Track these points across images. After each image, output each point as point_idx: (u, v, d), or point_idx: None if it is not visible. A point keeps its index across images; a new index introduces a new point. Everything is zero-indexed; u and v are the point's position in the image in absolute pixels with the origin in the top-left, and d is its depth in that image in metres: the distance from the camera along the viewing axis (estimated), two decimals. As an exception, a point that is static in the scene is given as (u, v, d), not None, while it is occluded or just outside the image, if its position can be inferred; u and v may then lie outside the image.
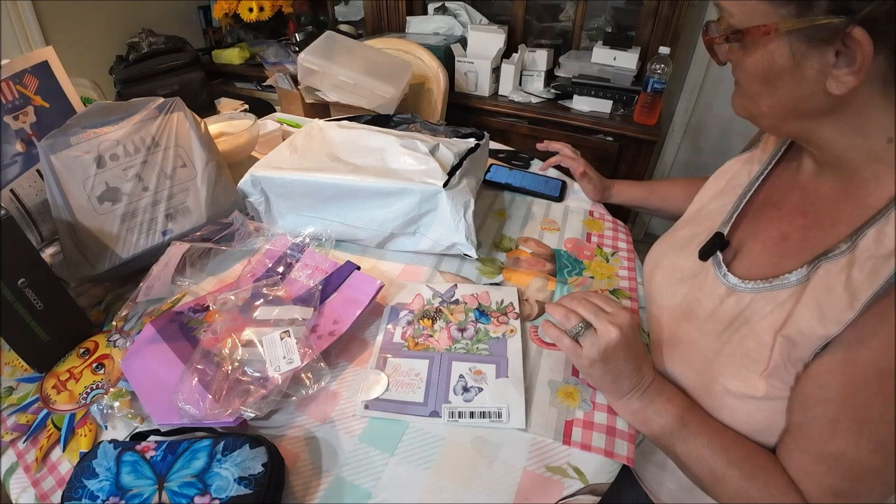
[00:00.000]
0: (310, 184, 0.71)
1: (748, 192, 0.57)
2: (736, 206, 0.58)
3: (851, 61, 0.38)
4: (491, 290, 0.67)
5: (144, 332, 0.58)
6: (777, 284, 0.47)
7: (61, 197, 0.64)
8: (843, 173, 0.46)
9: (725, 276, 0.53)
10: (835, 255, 0.43)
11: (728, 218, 0.57)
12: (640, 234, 2.06)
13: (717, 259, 0.55)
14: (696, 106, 1.75)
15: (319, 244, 0.71)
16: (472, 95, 1.62)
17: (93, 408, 0.53)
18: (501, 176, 0.94)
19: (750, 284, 0.50)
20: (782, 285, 0.46)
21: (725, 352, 0.49)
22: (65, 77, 0.75)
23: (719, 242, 0.55)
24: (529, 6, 1.66)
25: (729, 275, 0.52)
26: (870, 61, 0.37)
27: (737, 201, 0.58)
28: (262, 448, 0.45)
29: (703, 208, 0.65)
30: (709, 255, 0.55)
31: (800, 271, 0.45)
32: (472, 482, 0.47)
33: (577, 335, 0.50)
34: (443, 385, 0.55)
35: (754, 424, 0.48)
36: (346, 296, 0.62)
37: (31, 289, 0.54)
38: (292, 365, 0.52)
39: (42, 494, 0.48)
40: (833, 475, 0.42)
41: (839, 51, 0.38)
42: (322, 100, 1.22)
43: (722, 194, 0.62)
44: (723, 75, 1.66)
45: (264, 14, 1.94)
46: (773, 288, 0.47)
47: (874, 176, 0.43)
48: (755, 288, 0.49)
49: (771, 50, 0.42)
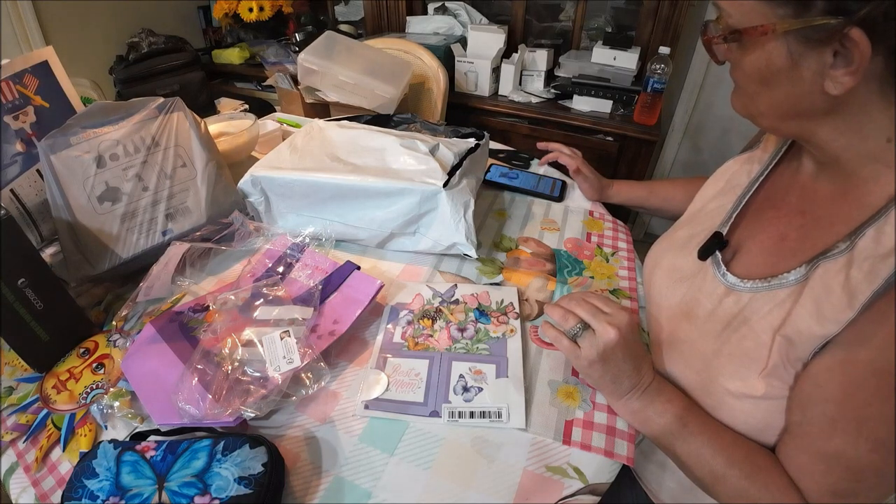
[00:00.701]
0: (310, 184, 0.71)
1: (748, 193, 0.58)
2: (735, 207, 0.58)
3: (849, 62, 0.38)
4: (491, 290, 0.67)
5: (144, 332, 0.58)
6: (775, 284, 0.47)
7: (61, 197, 0.64)
8: (841, 173, 0.46)
9: (724, 276, 0.52)
10: (833, 255, 0.43)
11: (727, 218, 0.57)
12: (640, 234, 2.06)
13: (715, 259, 0.55)
14: (696, 106, 1.75)
15: (319, 244, 0.71)
16: (472, 95, 1.62)
17: (93, 408, 0.53)
18: (501, 176, 0.94)
19: (748, 284, 0.50)
20: (781, 285, 0.46)
21: (724, 351, 0.49)
22: (65, 77, 0.75)
23: (718, 242, 0.55)
24: (529, 6, 1.66)
25: (728, 274, 0.52)
26: (867, 62, 0.37)
27: (736, 201, 0.58)
28: (262, 448, 0.45)
29: (702, 209, 0.65)
30: (708, 255, 0.55)
31: (798, 271, 0.45)
32: (472, 482, 0.47)
33: (576, 336, 0.50)
34: (443, 385, 0.55)
35: (753, 424, 0.48)
36: (346, 296, 0.62)
37: (31, 289, 0.54)
38: (292, 365, 0.52)
39: (42, 494, 0.48)
40: (832, 474, 0.42)
41: (837, 51, 0.38)
42: (322, 100, 1.22)
43: (721, 194, 0.62)
44: (723, 75, 1.65)
45: (264, 14, 1.94)
46: (771, 287, 0.47)
47: (873, 175, 0.43)
48: (754, 287, 0.49)
49: (769, 50, 0.42)
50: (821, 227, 0.47)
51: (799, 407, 0.44)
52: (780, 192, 0.55)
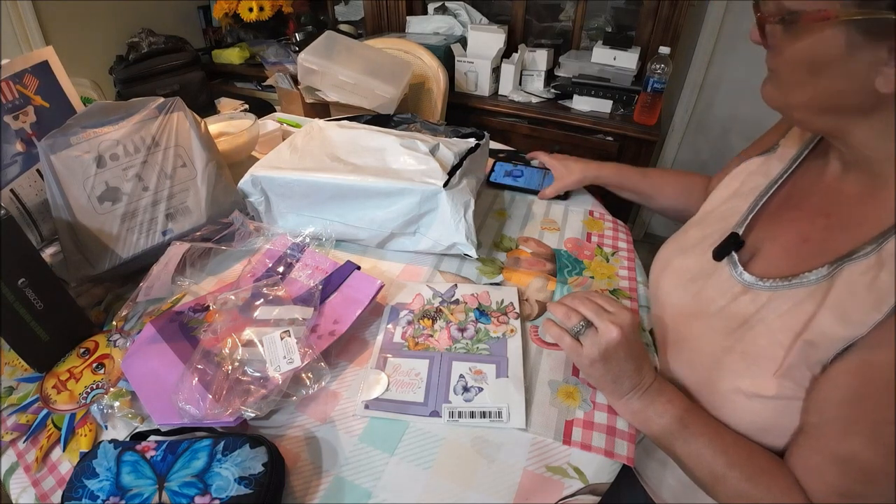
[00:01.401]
0: (310, 184, 0.71)
1: (766, 194, 0.57)
2: (752, 208, 0.57)
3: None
4: (491, 290, 0.67)
5: (144, 332, 0.58)
6: (796, 283, 0.46)
7: (61, 197, 0.64)
8: (870, 174, 0.45)
9: (741, 275, 0.52)
10: (859, 257, 0.42)
11: (743, 219, 0.57)
12: (640, 234, 2.06)
13: (732, 259, 0.54)
14: (696, 106, 1.74)
15: (319, 244, 0.71)
16: (472, 95, 1.62)
17: (93, 408, 0.53)
18: (506, 175, 0.94)
19: (768, 283, 0.49)
20: (801, 283, 0.46)
21: (737, 349, 0.49)
22: (65, 77, 0.75)
23: (735, 242, 0.54)
24: (529, 6, 1.66)
25: (745, 273, 0.52)
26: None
27: (753, 202, 0.57)
28: (263, 448, 0.45)
29: (713, 210, 0.64)
30: (723, 255, 0.55)
31: (819, 270, 0.45)
32: (472, 482, 0.47)
33: (578, 334, 0.50)
34: (443, 385, 0.55)
35: (759, 423, 0.47)
36: (346, 296, 0.62)
37: (31, 289, 0.54)
38: (292, 365, 0.52)
39: (42, 494, 0.48)
40: (844, 477, 0.42)
41: (891, 48, 0.37)
42: (322, 100, 1.22)
43: (735, 197, 0.62)
44: (723, 75, 1.66)
45: (264, 14, 1.93)
46: (791, 286, 0.47)
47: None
48: (773, 286, 0.48)
49: (825, 37, 0.40)
50: (846, 228, 0.46)
51: (815, 408, 0.44)
52: (801, 193, 0.54)
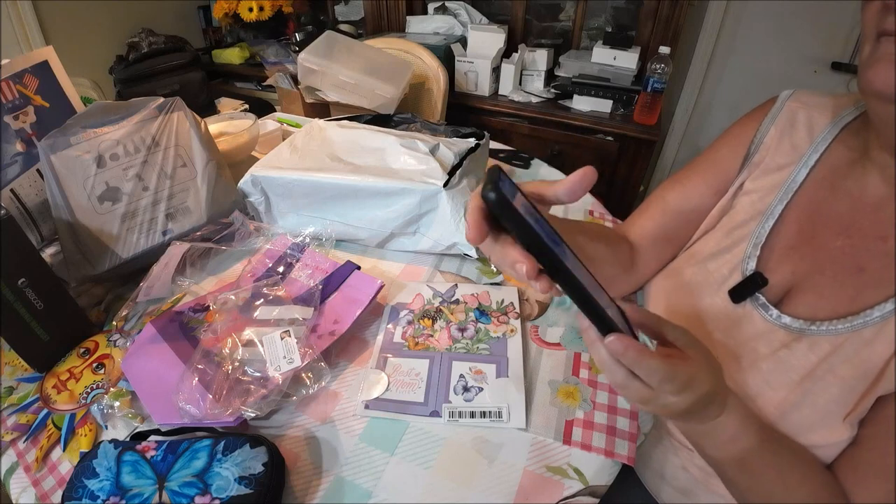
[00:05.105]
0: (310, 184, 0.71)
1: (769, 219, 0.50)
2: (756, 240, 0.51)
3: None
4: (491, 290, 0.67)
5: (145, 332, 0.58)
6: (859, 324, 0.42)
7: (61, 197, 0.64)
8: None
9: (779, 319, 0.47)
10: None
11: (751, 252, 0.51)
12: (640, 234, 2.05)
13: (756, 301, 0.49)
14: (696, 106, 1.75)
15: (319, 244, 0.71)
16: (472, 95, 1.62)
17: (93, 407, 0.53)
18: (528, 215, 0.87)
19: (824, 327, 0.44)
20: (865, 324, 0.42)
21: (807, 402, 0.44)
22: (65, 77, 0.75)
23: (758, 282, 0.49)
24: (529, 6, 1.66)
25: (784, 316, 0.47)
26: None
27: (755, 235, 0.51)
28: (263, 448, 0.45)
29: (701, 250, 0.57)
30: (744, 298, 0.50)
31: (884, 306, 0.41)
32: (472, 482, 0.47)
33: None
34: (443, 385, 0.55)
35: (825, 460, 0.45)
36: (346, 295, 0.62)
37: (31, 289, 0.54)
38: (293, 365, 0.52)
39: (42, 494, 0.48)
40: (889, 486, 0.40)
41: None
42: (322, 100, 1.22)
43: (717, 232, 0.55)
44: (723, 75, 1.66)
45: (264, 14, 1.93)
46: (854, 328, 0.43)
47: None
48: (832, 330, 0.44)
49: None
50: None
51: (871, 420, 0.42)
52: (837, 215, 0.47)
